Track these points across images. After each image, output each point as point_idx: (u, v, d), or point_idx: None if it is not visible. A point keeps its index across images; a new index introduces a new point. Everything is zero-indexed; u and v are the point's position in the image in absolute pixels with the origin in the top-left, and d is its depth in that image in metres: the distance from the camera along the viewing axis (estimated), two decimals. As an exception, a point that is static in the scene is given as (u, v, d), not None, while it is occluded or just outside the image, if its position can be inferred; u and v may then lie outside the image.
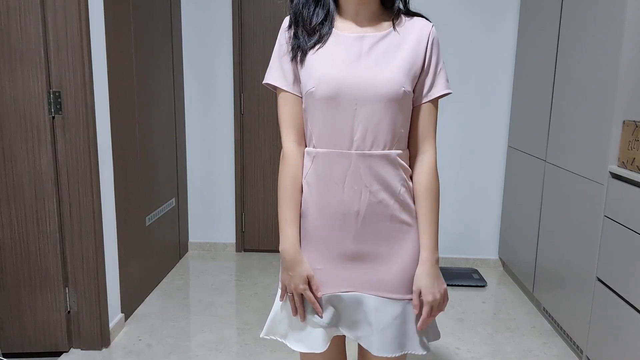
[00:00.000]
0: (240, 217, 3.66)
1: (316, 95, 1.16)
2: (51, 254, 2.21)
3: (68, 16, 2.08)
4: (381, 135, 1.16)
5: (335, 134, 1.17)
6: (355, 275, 1.22)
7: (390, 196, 1.19)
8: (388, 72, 1.16)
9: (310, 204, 1.22)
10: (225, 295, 2.99)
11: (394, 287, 1.21)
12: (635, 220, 1.91)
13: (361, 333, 1.23)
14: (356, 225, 1.20)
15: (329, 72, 1.15)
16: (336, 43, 1.19)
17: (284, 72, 1.23)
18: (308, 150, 1.22)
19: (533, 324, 2.70)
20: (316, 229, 1.22)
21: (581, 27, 2.39)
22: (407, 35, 1.21)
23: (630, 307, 1.92)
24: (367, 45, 1.18)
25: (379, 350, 1.20)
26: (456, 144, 3.42)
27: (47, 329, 2.27)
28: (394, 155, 1.18)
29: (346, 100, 1.15)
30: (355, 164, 1.16)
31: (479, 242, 3.54)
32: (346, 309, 1.23)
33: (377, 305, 1.21)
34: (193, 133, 3.57)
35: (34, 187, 2.16)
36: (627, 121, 2.02)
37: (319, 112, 1.17)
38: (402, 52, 1.18)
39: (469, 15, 3.27)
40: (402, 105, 1.18)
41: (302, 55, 1.19)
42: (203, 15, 3.43)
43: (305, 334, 1.25)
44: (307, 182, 1.22)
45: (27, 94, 2.10)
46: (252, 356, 2.34)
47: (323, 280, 1.22)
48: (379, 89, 1.14)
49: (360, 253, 1.21)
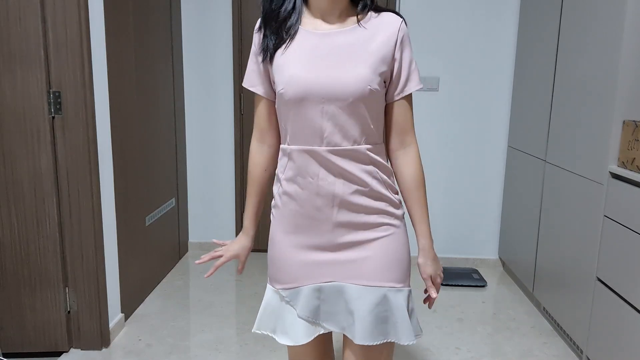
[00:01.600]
0: (240, 217, 3.66)
1: (285, 96, 1.20)
2: (51, 254, 2.21)
3: (68, 16, 2.08)
4: (349, 131, 1.20)
5: (306, 132, 1.20)
6: (335, 265, 1.26)
7: (362, 188, 1.23)
8: (355, 71, 1.17)
9: (288, 199, 1.27)
10: (225, 295, 2.99)
11: (374, 275, 1.24)
12: (635, 220, 1.91)
13: (344, 323, 1.26)
14: (332, 217, 1.24)
15: (296, 74, 1.18)
16: (304, 41, 1.21)
17: (254, 74, 1.29)
18: (283, 148, 1.27)
19: (533, 324, 2.70)
20: (295, 222, 1.27)
21: (581, 27, 2.39)
22: (375, 32, 1.21)
23: (630, 307, 1.92)
24: (334, 43, 1.20)
25: (362, 339, 1.22)
26: (456, 143, 3.42)
27: (47, 329, 2.27)
28: (364, 149, 1.21)
29: (314, 100, 1.18)
30: (327, 159, 1.20)
31: (479, 242, 3.54)
32: (327, 299, 1.26)
33: (358, 294, 1.23)
34: (193, 133, 3.57)
35: (34, 187, 2.16)
36: (627, 121, 2.02)
37: (290, 112, 1.21)
38: (370, 49, 1.19)
39: (469, 15, 3.27)
40: (371, 103, 1.20)
41: (271, 56, 1.23)
42: (203, 15, 3.43)
43: (289, 326, 1.29)
44: (285, 177, 1.27)
45: (27, 94, 2.10)
46: (252, 356, 2.34)
47: (303, 272, 1.27)
48: (345, 88, 1.16)
49: (338, 244, 1.25)
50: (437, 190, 3.47)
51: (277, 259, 1.31)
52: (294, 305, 1.28)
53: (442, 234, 3.53)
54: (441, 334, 2.57)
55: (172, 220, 3.37)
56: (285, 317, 1.30)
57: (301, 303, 1.27)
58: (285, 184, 1.27)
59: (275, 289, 1.32)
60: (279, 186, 1.29)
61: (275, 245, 1.32)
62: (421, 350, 2.41)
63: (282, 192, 1.28)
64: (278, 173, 1.30)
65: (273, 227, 1.33)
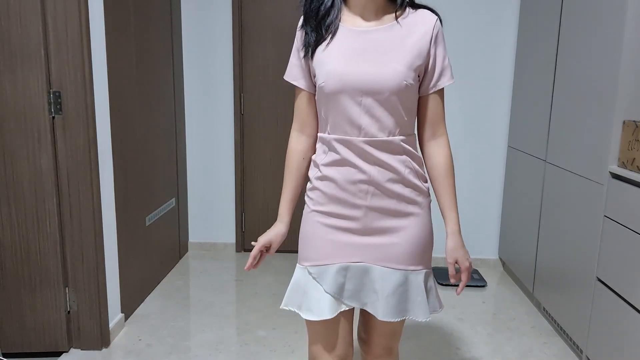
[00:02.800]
0: (240, 217, 3.66)
1: (325, 89, 1.28)
2: (51, 254, 2.21)
3: (68, 16, 2.08)
4: (385, 123, 1.27)
5: (344, 123, 1.28)
6: (364, 247, 1.34)
7: (396, 176, 1.31)
8: (391, 66, 1.24)
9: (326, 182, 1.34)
10: (225, 295, 2.99)
11: (399, 259, 1.34)
12: (635, 220, 1.91)
13: (367, 300, 1.35)
14: (366, 202, 1.31)
15: (335, 68, 1.26)
16: (343, 37, 1.28)
17: (297, 69, 1.36)
18: (323, 136, 1.35)
19: (533, 324, 2.70)
20: (330, 204, 1.34)
21: (581, 27, 2.39)
22: (411, 28, 1.29)
23: (630, 307, 1.92)
24: (372, 39, 1.27)
25: (384, 315, 1.32)
26: (456, 143, 3.42)
27: (47, 329, 2.27)
28: (398, 140, 1.29)
29: (352, 93, 1.26)
30: (364, 149, 1.28)
31: (479, 242, 3.54)
32: (353, 278, 1.34)
33: (383, 275, 1.33)
34: (193, 133, 3.57)
35: (34, 187, 2.16)
36: (627, 121, 2.02)
37: (330, 103, 1.29)
38: (406, 46, 1.26)
39: (469, 15, 3.27)
40: (406, 97, 1.27)
41: (312, 52, 1.30)
42: (203, 15, 3.43)
43: (314, 302, 1.35)
44: (323, 163, 1.34)
45: (27, 94, 2.10)
46: (252, 356, 2.34)
47: (332, 251, 1.34)
48: (382, 83, 1.24)
49: (369, 228, 1.33)
50: (437, 190, 3.47)
51: (308, 237, 1.38)
52: (321, 281, 1.34)
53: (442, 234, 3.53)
54: (441, 334, 2.57)
55: (172, 220, 3.37)
56: (311, 294, 1.35)
57: (328, 280, 1.33)
58: (323, 169, 1.34)
59: (303, 266, 1.38)
60: (317, 171, 1.36)
61: (308, 224, 1.38)
62: (421, 350, 2.41)
63: (320, 176, 1.35)
64: (316, 159, 1.37)
65: (307, 208, 1.39)
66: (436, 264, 3.52)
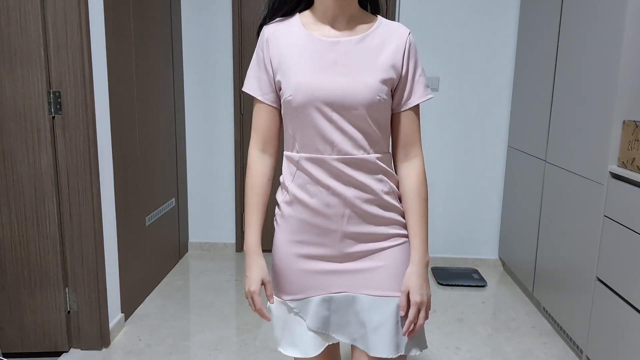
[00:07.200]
0: (240, 217, 3.66)
1: (293, 103, 1.16)
2: (51, 254, 2.21)
3: (68, 16, 2.08)
4: (359, 140, 1.17)
5: (315, 140, 1.18)
6: (345, 275, 1.23)
7: (373, 197, 1.21)
8: (364, 80, 1.15)
9: (296, 207, 1.23)
10: (225, 295, 2.99)
11: (385, 284, 1.22)
12: (635, 220, 1.91)
13: (356, 335, 1.23)
14: (342, 227, 1.21)
15: (304, 81, 1.15)
16: (312, 47, 1.18)
17: (260, 81, 1.23)
18: (290, 155, 1.23)
19: (533, 324, 2.70)
20: (302, 231, 1.23)
21: (581, 28, 2.39)
22: (385, 41, 1.19)
23: (630, 307, 1.92)
24: (344, 50, 1.17)
25: (381, 351, 1.19)
26: (456, 144, 3.43)
27: (47, 329, 2.27)
28: (374, 158, 1.19)
29: (322, 108, 1.15)
30: (338, 167, 1.18)
31: (479, 242, 3.54)
32: (337, 310, 1.24)
33: (370, 304, 1.21)
34: (193, 133, 3.57)
35: (34, 187, 2.16)
36: (627, 121, 2.02)
37: (298, 119, 1.18)
38: (380, 59, 1.17)
39: (469, 16, 3.27)
40: (379, 112, 1.18)
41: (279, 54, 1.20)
42: (203, 15, 3.43)
43: (298, 338, 1.25)
44: (293, 185, 1.23)
45: (27, 94, 2.10)
46: (252, 356, 2.34)
47: (312, 283, 1.24)
48: (355, 97, 1.14)
49: (347, 254, 1.22)
50: (438, 190, 3.47)
51: (283, 269, 1.27)
52: (304, 316, 1.25)
53: (442, 234, 3.53)
54: (441, 334, 2.57)
55: (172, 221, 3.37)
56: (294, 329, 1.26)
57: (311, 314, 1.24)
58: (293, 193, 1.23)
59: (282, 300, 1.28)
60: (285, 194, 1.25)
61: (281, 255, 1.27)
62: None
63: (288, 200, 1.24)
64: (284, 181, 1.26)
65: (278, 236, 1.28)
66: (435, 264, 3.52)
